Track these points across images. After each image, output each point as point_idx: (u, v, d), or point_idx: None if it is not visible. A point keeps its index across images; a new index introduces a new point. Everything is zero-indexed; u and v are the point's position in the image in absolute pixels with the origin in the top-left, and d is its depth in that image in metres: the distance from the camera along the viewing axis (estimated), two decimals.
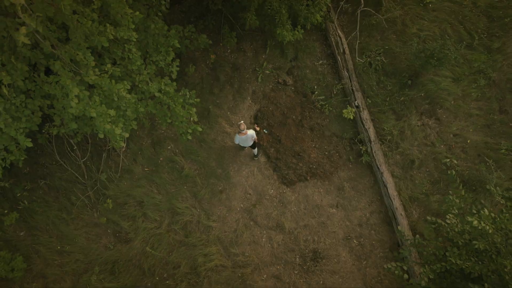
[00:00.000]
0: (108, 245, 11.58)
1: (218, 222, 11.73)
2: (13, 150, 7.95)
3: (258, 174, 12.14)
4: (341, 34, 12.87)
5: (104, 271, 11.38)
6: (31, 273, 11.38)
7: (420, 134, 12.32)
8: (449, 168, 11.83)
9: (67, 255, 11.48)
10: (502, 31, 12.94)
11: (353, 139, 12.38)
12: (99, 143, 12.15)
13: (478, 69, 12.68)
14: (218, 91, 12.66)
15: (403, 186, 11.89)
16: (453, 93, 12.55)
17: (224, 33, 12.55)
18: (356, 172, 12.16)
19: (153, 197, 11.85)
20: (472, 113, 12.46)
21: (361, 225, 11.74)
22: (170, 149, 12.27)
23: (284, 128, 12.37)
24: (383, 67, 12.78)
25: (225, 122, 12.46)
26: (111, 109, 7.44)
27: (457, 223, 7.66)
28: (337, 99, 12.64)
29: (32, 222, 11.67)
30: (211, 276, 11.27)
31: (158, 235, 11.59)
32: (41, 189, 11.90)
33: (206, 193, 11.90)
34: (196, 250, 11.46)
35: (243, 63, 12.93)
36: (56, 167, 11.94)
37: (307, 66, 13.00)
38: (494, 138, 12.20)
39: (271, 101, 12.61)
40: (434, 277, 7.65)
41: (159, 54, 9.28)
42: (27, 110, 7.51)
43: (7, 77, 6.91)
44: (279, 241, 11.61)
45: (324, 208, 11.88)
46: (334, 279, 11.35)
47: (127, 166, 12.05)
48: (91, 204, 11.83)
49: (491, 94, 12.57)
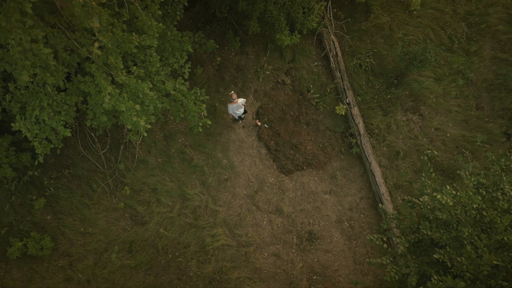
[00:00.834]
0: (126, 227, 12.98)
1: (224, 206, 13.14)
2: (52, 139, 9.34)
3: (260, 164, 13.54)
4: (334, 39, 14.27)
5: (123, 250, 12.78)
6: (57, 252, 12.78)
7: (405, 128, 13.73)
8: (430, 158, 13.24)
9: (89, 236, 12.88)
10: (479, 36, 14.34)
11: (344, 132, 13.79)
12: (117, 137, 13.55)
13: (457, 70, 14.08)
14: (224, 90, 14.06)
15: (389, 175, 13.30)
16: (434, 92, 13.96)
17: (229, 37, 13.95)
18: (347, 162, 13.57)
19: (165, 184, 13.24)
20: (452, 110, 13.87)
21: (351, 209, 13.15)
22: (180, 142, 13.67)
23: (283, 123, 13.77)
24: (372, 68, 14.18)
25: (229, 117, 13.85)
26: (137, 104, 8.84)
27: (429, 201, 9.06)
28: (330, 97, 14.05)
29: (57, 207, 13.07)
30: (217, 254, 12.68)
31: (170, 218, 13.00)
32: (66, 178, 13.30)
33: (213, 181, 13.30)
34: (204, 231, 12.87)
35: (246, 65, 14.33)
36: (79, 157, 13.34)
37: (304, 67, 14.40)
38: (471, 132, 13.61)
39: (271, 98, 14.02)
40: (409, 246, 9.06)
41: (173, 57, 10.68)
42: (65, 105, 8.91)
43: (51, 78, 8.30)
44: (278, 224, 13.02)
45: (319, 194, 13.28)
46: (327, 257, 12.76)
47: (142, 157, 13.45)
48: (110, 191, 13.22)
49: (469, 92, 13.98)
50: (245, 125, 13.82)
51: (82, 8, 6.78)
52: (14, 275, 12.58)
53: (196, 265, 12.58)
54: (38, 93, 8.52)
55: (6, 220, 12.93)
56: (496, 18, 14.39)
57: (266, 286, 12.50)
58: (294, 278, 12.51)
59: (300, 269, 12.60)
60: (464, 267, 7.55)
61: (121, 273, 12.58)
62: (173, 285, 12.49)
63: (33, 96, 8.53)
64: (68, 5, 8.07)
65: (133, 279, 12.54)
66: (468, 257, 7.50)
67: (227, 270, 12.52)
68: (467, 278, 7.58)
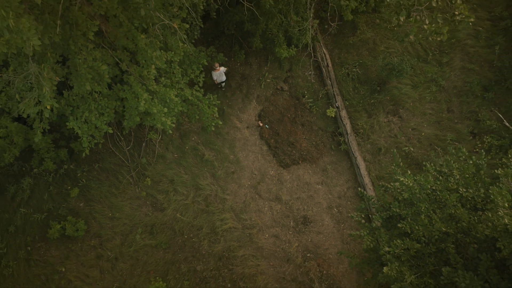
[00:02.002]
0: (148, 212, 15.22)
1: (231, 195, 15.39)
2: (96, 135, 11.60)
3: (261, 159, 15.81)
4: (325, 51, 16.59)
5: (145, 232, 15.01)
6: (89, 234, 15.01)
7: (386, 128, 16.01)
8: (407, 154, 15.51)
9: (116, 220, 15.12)
10: (450, 49, 16.66)
11: (334, 132, 16.07)
12: (140, 135, 15.82)
13: (431, 78, 16.38)
14: (230, 95, 16.36)
15: (372, 168, 15.57)
16: (411, 97, 16.25)
17: (235, 50, 16.26)
18: (337, 158, 15.84)
19: (181, 176, 15.50)
20: (426, 112, 16.15)
21: (340, 198, 15.41)
22: (193, 140, 15.94)
23: (282, 124, 16.06)
24: (358, 77, 16.49)
25: (236, 119, 16.15)
26: (165, 107, 11.11)
27: (398, 185, 11.30)
28: (322, 102, 16.34)
29: (89, 196, 15.31)
30: (226, 235, 14.91)
31: (185, 205, 15.24)
32: (96, 171, 15.56)
33: (222, 174, 15.56)
34: (214, 216, 15.11)
35: (249, 74, 16.63)
36: (107, 153, 15.61)
37: (299, 76, 16.70)
38: (442, 131, 15.89)
39: (271, 103, 16.30)
40: (382, 221, 11.29)
41: (191, 69, 12.97)
42: (108, 108, 11.17)
43: (98, 87, 10.57)
44: (277, 210, 15.27)
45: (312, 184, 15.55)
46: (319, 237, 14.99)
47: (161, 153, 15.71)
48: (134, 182, 15.48)
49: (441, 97, 16.28)
50: (249, 126, 16.11)
51: (148, 42, 9.05)
52: (53, 253, 14.81)
53: (207, 244, 14.81)
54: (87, 99, 10.80)
55: (46, 207, 15.17)
56: (465, 34, 16.70)
57: (267, 262, 14.72)
58: (291, 256, 14.73)
59: (296, 248, 14.83)
60: (420, 233, 9.79)
61: (144, 251, 14.81)
62: (188, 261, 14.71)
63: (83, 101, 10.80)
64: (112, 29, 10.36)
65: (154, 256, 14.76)
66: (423, 225, 9.74)
67: (234, 249, 14.74)
68: (423, 241, 9.82)
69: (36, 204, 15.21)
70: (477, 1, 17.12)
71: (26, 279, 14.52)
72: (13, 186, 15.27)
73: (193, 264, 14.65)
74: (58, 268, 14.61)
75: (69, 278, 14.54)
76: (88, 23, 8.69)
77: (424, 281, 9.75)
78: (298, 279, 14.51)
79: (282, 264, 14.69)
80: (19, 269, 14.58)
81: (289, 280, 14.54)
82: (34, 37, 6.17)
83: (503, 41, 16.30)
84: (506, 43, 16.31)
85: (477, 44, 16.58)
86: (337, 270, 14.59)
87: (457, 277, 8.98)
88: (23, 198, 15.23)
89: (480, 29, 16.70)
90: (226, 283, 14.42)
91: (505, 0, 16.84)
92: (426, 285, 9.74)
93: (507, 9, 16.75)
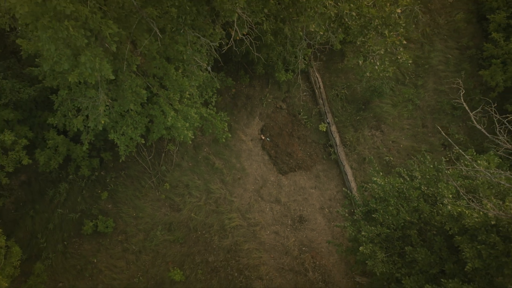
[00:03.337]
0: (166, 212, 17.84)
1: (238, 198, 18.02)
2: (130, 145, 14.31)
3: (263, 167, 18.50)
4: (317, 75, 19.45)
5: (164, 229, 17.59)
6: (117, 230, 17.59)
7: (370, 141, 18.74)
8: (388, 163, 18.21)
9: (140, 219, 17.72)
10: (424, 73, 19.51)
11: (325, 144, 18.80)
12: (159, 147, 18.54)
13: (408, 98, 19.19)
14: (237, 113, 19.15)
15: (358, 174, 18.25)
16: (391, 114, 19.03)
17: (241, 75, 19.13)
18: (328, 166, 18.54)
19: (195, 182, 18.17)
20: (404, 127, 18.91)
21: (330, 200, 18.04)
22: (205, 151, 18.67)
23: (281, 137, 18.80)
24: (346, 97, 19.30)
25: (241, 133, 18.89)
26: (187, 123, 13.86)
27: (375, 186, 13.97)
28: (315, 118, 19.13)
29: (116, 198, 17.95)
30: (233, 232, 17.49)
31: (199, 206, 17.86)
32: (122, 177, 18.23)
33: (230, 179, 18.22)
34: (223, 215, 17.71)
35: (253, 94, 19.46)
36: (132, 162, 18.31)
37: (296, 96, 19.53)
38: (418, 144, 18.61)
39: (272, 119, 19.09)
40: (362, 215, 13.91)
41: (205, 91, 15.77)
42: (140, 123, 13.92)
43: (135, 106, 13.33)
44: (277, 210, 17.88)
45: (307, 189, 18.20)
46: (313, 234, 17.57)
47: (177, 162, 18.42)
48: (155, 186, 18.13)
49: (417, 115, 19.06)
50: (252, 139, 18.86)
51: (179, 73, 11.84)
52: (86, 247, 17.39)
53: (217, 239, 17.38)
54: (125, 116, 13.57)
55: (79, 208, 17.79)
56: (437, 60, 19.58)
57: (268, 254, 17.27)
58: (289, 249, 17.29)
59: (293, 242, 17.40)
60: (389, 221, 12.41)
61: (163, 245, 17.38)
62: (201, 254, 17.26)
63: (122, 117, 13.57)
64: (147, 61, 13.17)
65: (172, 249, 17.32)
66: (392, 215, 12.38)
67: (240, 243, 17.31)
68: (392, 228, 12.44)
69: (71, 205, 17.85)
70: (447, 33, 20.05)
71: (63, 269, 17.07)
72: (52, 190, 17.92)
73: (205, 256, 17.19)
74: (91, 260, 17.17)
75: (100, 268, 17.09)
76: (133, 58, 11.49)
77: (393, 260, 12.35)
78: (295, 269, 17.05)
79: (281, 256, 17.24)
80: (57, 260, 17.12)
81: (287, 270, 17.07)
82: (108, 72, 8.91)
83: (468, 66, 19.17)
84: (471, 68, 19.17)
85: (447, 69, 19.44)
86: (328, 261, 17.13)
87: (416, 253, 11.59)
88: (60, 200, 17.86)
89: (450, 57, 19.59)
90: (234, 272, 16.95)
91: (470, 32, 19.77)
92: (395, 262, 12.34)
93: (472, 39, 19.66)
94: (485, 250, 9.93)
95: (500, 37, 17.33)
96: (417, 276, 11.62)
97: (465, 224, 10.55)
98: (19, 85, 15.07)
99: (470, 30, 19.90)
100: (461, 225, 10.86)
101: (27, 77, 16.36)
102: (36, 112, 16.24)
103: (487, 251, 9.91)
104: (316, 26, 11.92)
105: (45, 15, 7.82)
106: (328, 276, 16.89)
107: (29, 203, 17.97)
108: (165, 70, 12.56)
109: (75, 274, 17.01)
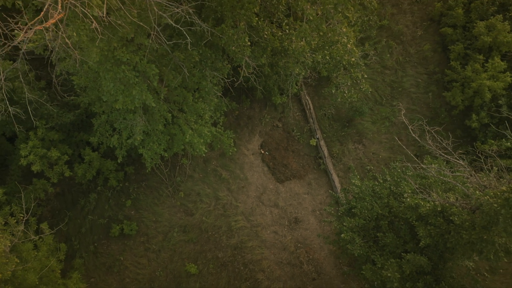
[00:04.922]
0: (181, 217, 20.91)
1: (242, 203, 21.15)
2: (155, 159, 17.49)
3: (264, 177, 21.69)
4: (308, 98, 22.85)
5: (180, 231, 20.64)
6: (139, 233, 20.62)
7: (353, 153, 22.02)
8: (368, 171, 21.44)
9: (159, 223, 20.78)
10: (398, 95, 22.97)
11: (315, 156, 22.06)
12: (174, 161, 21.75)
13: (385, 116, 22.56)
14: (240, 131, 22.46)
15: (344, 182, 21.45)
16: (371, 130, 22.36)
17: (243, 99, 22.53)
18: (318, 175, 21.75)
19: (205, 190, 21.32)
20: (382, 141, 22.22)
21: (321, 203, 21.19)
22: (213, 164, 21.88)
23: (277, 151, 22.05)
24: (332, 116, 22.66)
25: (244, 148, 22.15)
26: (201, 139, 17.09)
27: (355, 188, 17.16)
28: (307, 134, 22.44)
29: (138, 205, 21.04)
30: (239, 232, 20.55)
31: (209, 211, 20.95)
32: (143, 187, 21.37)
33: (235, 188, 21.38)
34: (230, 218, 20.79)
35: (253, 115, 22.81)
36: (151, 174, 21.49)
37: (290, 116, 22.88)
38: (394, 155, 21.89)
39: (270, 136, 22.39)
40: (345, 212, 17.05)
41: (214, 113, 19.08)
42: (163, 140, 17.14)
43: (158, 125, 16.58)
44: (276, 213, 21.00)
45: (301, 194, 21.36)
46: (306, 232, 20.65)
47: (190, 173, 21.60)
48: (171, 195, 21.25)
49: (393, 130, 22.41)
50: (253, 153, 22.11)
51: (197, 101, 15.17)
52: (113, 247, 20.38)
53: (225, 239, 20.43)
54: (151, 134, 16.83)
55: (107, 214, 20.85)
56: (409, 84, 23.07)
57: (269, 251, 20.31)
58: (286, 246, 20.34)
59: (290, 240, 20.46)
60: (365, 214, 15.57)
61: (179, 245, 20.40)
62: (211, 251, 20.28)
63: (149, 135, 16.84)
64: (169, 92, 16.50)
65: (186, 248, 20.34)
66: (367, 209, 15.55)
67: (244, 241, 20.35)
68: (367, 219, 15.60)
69: (100, 212, 20.92)
70: (417, 60, 23.60)
71: (95, 266, 20.02)
72: (83, 200, 21.01)
73: (215, 253, 20.20)
74: (118, 258, 20.15)
75: (125, 265, 20.06)
76: (162, 89, 14.83)
77: (369, 245, 15.47)
78: (292, 262, 20.08)
79: (280, 252, 20.28)
80: (89, 259, 20.09)
81: (285, 263, 20.09)
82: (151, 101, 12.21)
83: (435, 89, 22.65)
84: (438, 90, 22.65)
85: (418, 91, 22.90)
86: (320, 255, 20.18)
87: (386, 238, 14.73)
88: (90, 208, 20.94)
89: (420, 81, 23.09)
90: (240, 266, 19.96)
91: (437, 60, 23.33)
92: (370, 247, 15.45)
93: (438, 66, 23.20)
94: (433, 230, 13.11)
95: (457, 64, 20.86)
96: (386, 256, 14.74)
97: (421, 212, 13.74)
98: (62, 111, 18.37)
99: (436, 58, 23.46)
100: (417, 213, 14.05)
101: (64, 104, 19.67)
102: (73, 133, 19.50)
103: (435, 230, 13.09)
104: (299, 70, 15.50)
105: (107, 62, 11.08)
106: (320, 267, 19.91)
107: (63, 211, 21.02)
108: (184, 97, 15.90)
109: (104, 270, 19.96)
